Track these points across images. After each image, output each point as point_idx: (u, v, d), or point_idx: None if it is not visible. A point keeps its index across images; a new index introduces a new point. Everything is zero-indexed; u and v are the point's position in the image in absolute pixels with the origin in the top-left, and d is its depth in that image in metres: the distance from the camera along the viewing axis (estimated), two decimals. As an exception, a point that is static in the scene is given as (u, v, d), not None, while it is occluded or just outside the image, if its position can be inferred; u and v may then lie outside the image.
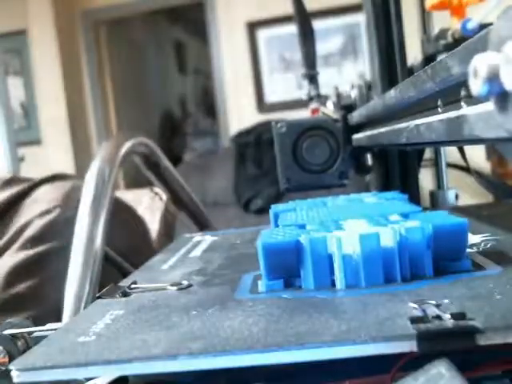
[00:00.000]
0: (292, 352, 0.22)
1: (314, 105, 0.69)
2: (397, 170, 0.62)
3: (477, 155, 1.83)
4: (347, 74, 2.74)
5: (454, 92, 0.24)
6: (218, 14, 3.01)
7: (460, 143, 0.28)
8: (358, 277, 0.29)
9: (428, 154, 0.77)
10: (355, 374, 0.24)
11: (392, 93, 0.35)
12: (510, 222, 0.44)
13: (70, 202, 0.55)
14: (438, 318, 0.23)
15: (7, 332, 0.30)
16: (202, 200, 2.46)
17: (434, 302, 0.25)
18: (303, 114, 0.69)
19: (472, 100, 0.22)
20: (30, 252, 0.51)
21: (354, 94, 0.64)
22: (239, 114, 3.01)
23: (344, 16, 2.84)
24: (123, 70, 3.39)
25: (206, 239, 0.53)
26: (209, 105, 3.63)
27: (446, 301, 0.25)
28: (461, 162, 0.77)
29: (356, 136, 0.57)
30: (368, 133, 0.50)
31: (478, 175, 0.76)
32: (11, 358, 0.28)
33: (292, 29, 2.92)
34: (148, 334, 0.25)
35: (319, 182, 0.58)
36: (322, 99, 0.70)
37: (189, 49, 4.47)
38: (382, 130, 0.41)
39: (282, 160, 0.58)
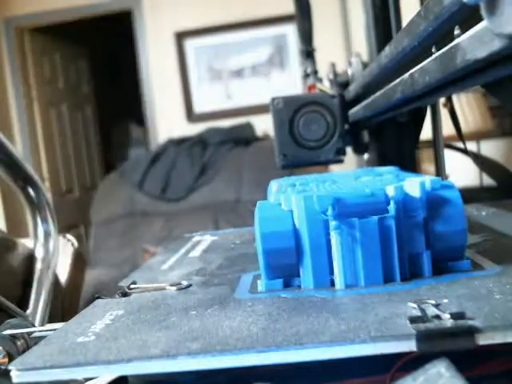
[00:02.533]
0: (291, 352, 0.22)
1: (310, 81, 0.69)
2: (394, 148, 0.62)
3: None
4: (275, 83, 2.81)
5: (448, 34, 0.24)
6: (146, 24, 2.99)
7: (454, 86, 0.28)
8: (357, 275, 0.29)
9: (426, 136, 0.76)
10: (355, 374, 0.24)
11: (387, 49, 0.35)
12: (510, 222, 0.44)
13: None
14: (438, 317, 0.23)
15: (7, 332, 0.30)
16: (131, 210, 2.42)
17: (433, 302, 0.25)
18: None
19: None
20: None
21: (350, 71, 0.64)
22: (168, 123, 2.99)
23: (272, 27, 2.88)
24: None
25: (206, 239, 0.53)
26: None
27: (446, 300, 0.25)
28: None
29: (352, 110, 0.57)
30: (364, 103, 0.49)
31: (475, 156, 0.76)
32: (11, 358, 0.28)
33: (220, 39, 2.93)
34: (147, 334, 0.25)
35: (316, 157, 0.58)
36: (318, 76, 0.70)
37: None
38: (378, 93, 0.41)
39: (278, 136, 0.58)
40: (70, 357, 0.23)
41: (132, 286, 0.35)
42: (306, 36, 0.72)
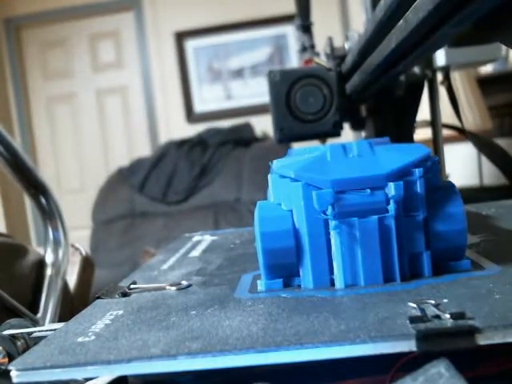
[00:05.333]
0: (291, 352, 0.22)
1: (307, 55, 0.69)
2: (391, 124, 0.61)
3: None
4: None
5: None
6: (146, 23, 2.98)
7: (450, 22, 0.27)
8: (357, 275, 0.29)
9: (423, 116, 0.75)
10: (355, 374, 0.24)
11: (381, 2, 0.34)
12: (510, 221, 0.44)
13: None
14: (438, 317, 0.23)
15: (7, 332, 0.30)
16: (131, 210, 2.42)
17: (433, 302, 0.25)
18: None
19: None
20: None
21: (347, 45, 0.64)
22: (168, 124, 2.99)
23: (272, 27, 2.88)
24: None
25: (206, 239, 0.53)
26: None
27: (446, 300, 0.25)
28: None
29: (349, 83, 0.56)
30: (360, 69, 0.49)
31: (473, 136, 0.75)
32: (11, 359, 0.28)
33: (220, 39, 2.93)
34: (147, 334, 0.25)
35: (313, 131, 0.57)
36: (315, 50, 0.70)
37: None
38: (373, 54, 0.40)
39: (275, 109, 0.57)
40: (70, 357, 0.23)
41: (132, 286, 0.35)
42: (304, 10, 0.72)
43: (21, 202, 3.02)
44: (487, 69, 2.32)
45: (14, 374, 0.23)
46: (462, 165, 1.62)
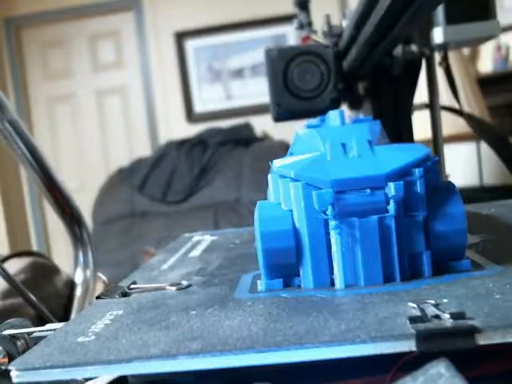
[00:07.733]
0: (291, 352, 0.22)
1: (304, 33, 0.69)
2: (389, 104, 0.60)
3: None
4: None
5: None
6: (146, 23, 2.99)
7: None
8: (357, 275, 0.29)
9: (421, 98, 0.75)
10: (355, 374, 0.24)
11: None
12: (510, 221, 0.44)
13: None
14: (437, 317, 0.23)
15: (7, 332, 0.30)
16: (131, 210, 2.42)
17: (433, 302, 0.25)
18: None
19: None
20: None
21: (345, 23, 0.63)
22: (168, 124, 2.99)
23: (272, 27, 2.89)
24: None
25: (206, 239, 0.53)
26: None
27: (446, 300, 0.25)
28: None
29: (346, 59, 0.56)
30: (356, 43, 0.48)
31: (470, 118, 0.75)
32: (11, 358, 0.28)
33: (220, 39, 2.93)
34: (147, 334, 0.25)
35: (310, 108, 0.57)
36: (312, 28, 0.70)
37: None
38: (369, 20, 0.40)
39: (272, 86, 0.57)
40: (70, 357, 0.23)
41: (132, 286, 0.35)
42: None
43: (21, 202, 3.02)
44: (487, 69, 2.32)
45: (13, 373, 0.23)
46: (462, 165, 1.62)
